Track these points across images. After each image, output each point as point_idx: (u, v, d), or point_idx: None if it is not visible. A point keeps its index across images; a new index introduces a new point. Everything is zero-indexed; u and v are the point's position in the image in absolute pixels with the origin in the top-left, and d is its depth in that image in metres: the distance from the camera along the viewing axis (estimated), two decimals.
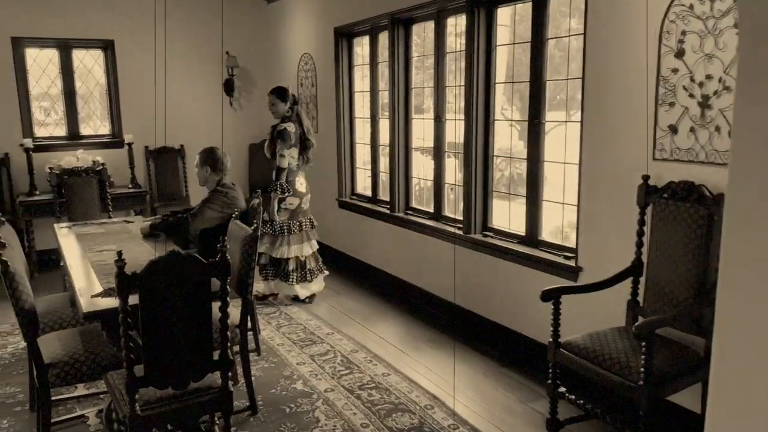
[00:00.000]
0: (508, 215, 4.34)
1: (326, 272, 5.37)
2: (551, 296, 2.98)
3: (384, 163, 5.70)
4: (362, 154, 6.16)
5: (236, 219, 3.66)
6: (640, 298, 3.13)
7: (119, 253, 2.23)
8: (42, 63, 6.53)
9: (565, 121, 3.84)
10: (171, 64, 6.98)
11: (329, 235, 6.55)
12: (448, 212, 4.93)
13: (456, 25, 4.61)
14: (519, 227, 4.23)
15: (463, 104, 4.42)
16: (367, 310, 5.02)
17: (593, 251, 3.51)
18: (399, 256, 5.34)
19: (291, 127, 5.01)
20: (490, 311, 4.30)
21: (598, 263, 3.47)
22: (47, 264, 6.38)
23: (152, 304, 2.34)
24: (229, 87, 7.34)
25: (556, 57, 4.10)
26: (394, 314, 4.92)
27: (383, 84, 5.57)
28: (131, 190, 6.59)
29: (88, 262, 3.44)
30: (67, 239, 4.06)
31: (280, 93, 5.10)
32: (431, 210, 5.03)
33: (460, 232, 4.53)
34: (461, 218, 4.57)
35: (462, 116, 4.44)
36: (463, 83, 4.41)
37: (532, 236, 4.05)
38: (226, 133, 7.37)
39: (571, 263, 3.65)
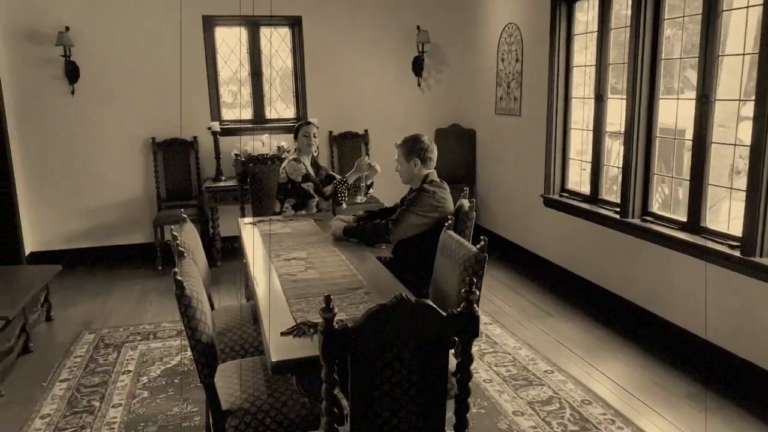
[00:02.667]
0: None
1: None
2: None
3: (613, 154, 4.61)
4: (576, 142, 5.11)
5: (449, 228, 2.85)
6: None
7: (327, 300, 1.50)
8: (231, 43, 6.27)
9: None
10: (358, 41, 6.42)
11: (531, 238, 5.59)
12: (710, 223, 3.75)
13: None
14: None
15: (753, 78, 3.22)
16: (589, 341, 4.01)
17: None
18: (630, 273, 4.25)
19: None
20: None
21: None
22: (231, 252, 6.16)
23: (367, 369, 1.59)
24: (417, 66, 6.60)
25: None
26: (626, 350, 3.86)
27: (616, 56, 4.47)
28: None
29: (275, 273, 2.84)
30: (251, 239, 3.55)
31: None
32: (683, 218, 3.87)
33: (735, 253, 3.35)
34: (738, 234, 3.39)
35: (742, 94, 3.26)
36: (753, 51, 3.21)
37: None
38: (412, 116, 6.68)
39: None
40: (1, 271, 4.49)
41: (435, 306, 1.58)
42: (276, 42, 6.37)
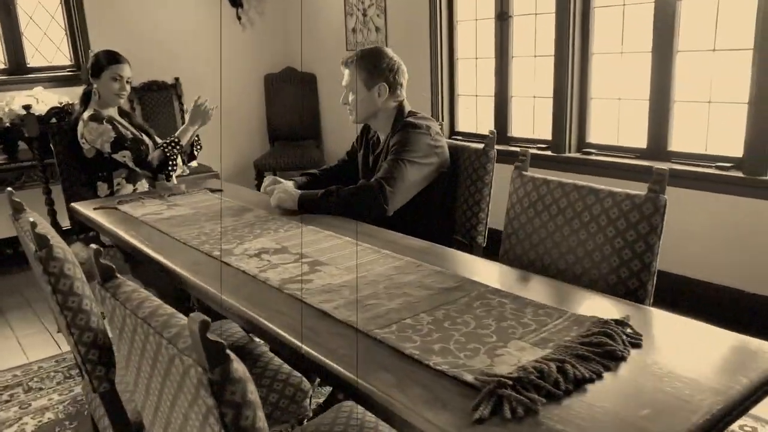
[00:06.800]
0: None
1: None
2: None
3: (526, 83, 3.97)
4: (464, 75, 4.39)
5: (525, 169, 1.84)
6: None
7: None
8: None
9: None
10: None
11: None
12: (675, 145, 3.30)
13: None
14: None
15: None
16: None
17: None
18: None
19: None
20: None
21: None
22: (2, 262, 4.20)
23: None
24: None
25: None
26: None
27: None
28: None
29: (268, 286, 1.52)
30: (136, 236, 2.05)
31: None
32: (642, 144, 3.38)
33: (734, 173, 2.94)
34: (729, 154, 2.98)
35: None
36: None
37: None
38: (234, 59, 5.31)
39: None
40: None
41: None
42: None
